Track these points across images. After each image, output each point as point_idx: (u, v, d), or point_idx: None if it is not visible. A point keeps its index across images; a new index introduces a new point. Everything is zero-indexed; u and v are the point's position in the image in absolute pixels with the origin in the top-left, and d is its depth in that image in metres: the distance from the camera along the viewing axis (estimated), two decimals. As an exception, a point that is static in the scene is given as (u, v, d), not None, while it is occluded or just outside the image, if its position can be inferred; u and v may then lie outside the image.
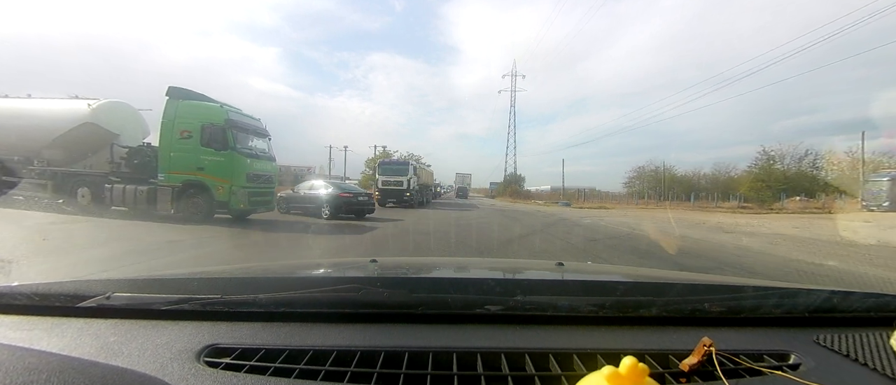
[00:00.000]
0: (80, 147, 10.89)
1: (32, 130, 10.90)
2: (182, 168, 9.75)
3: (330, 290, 0.88)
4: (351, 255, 6.54)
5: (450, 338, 0.77)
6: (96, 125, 10.79)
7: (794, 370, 0.69)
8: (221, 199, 9.72)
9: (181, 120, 9.76)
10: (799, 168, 38.18)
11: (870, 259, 7.09)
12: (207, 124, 9.71)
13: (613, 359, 0.59)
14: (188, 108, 9.86)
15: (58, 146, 10.82)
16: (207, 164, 9.70)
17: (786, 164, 39.48)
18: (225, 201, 9.74)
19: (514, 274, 1.56)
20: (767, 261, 6.99)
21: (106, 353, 0.69)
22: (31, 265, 4.53)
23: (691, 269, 5.79)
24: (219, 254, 6.42)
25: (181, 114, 9.80)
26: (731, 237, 10.56)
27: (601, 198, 48.78)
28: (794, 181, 36.37)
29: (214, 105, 10.14)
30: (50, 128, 10.79)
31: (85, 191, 10.74)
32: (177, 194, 9.79)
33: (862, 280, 5.38)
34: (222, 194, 9.70)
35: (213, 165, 9.72)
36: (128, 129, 11.53)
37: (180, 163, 9.76)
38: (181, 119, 9.77)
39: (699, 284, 1.21)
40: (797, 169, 38.26)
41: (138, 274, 1.16)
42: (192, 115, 9.82)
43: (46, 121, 10.90)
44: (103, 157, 10.90)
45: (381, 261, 1.43)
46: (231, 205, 9.80)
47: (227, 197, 9.71)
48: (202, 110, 9.94)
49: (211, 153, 9.72)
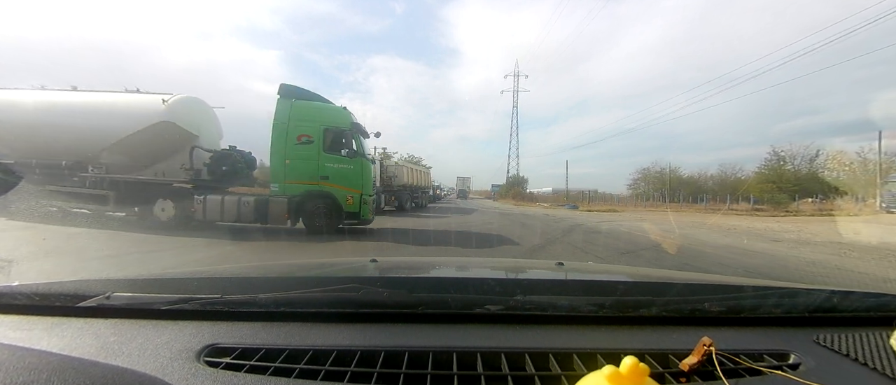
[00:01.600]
0: (150, 150, 9.15)
1: (93, 130, 9.01)
2: (301, 177, 8.61)
3: (330, 289, 0.88)
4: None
5: (450, 337, 0.77)
6: (174, 125, 8.99)
7: (793, 370, 0.69)
8: (351, 209, 8.80)
9: (297, 123, 8.64)
10: (810, 169, 37.39)
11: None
12: (331, 128, 8.77)
13: (613, 358, 0.59)
14: (306, 110, 8.79)
15: (122, 149, 9.02)
16: (333, 172, 8.72)
17: (796, 164, 38.84)
18: (355, 212, 8.86)
19: (514, 274, 1.56)
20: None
21: (106, 352, 0.69)
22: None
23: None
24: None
25: (297, 116, 8.67)
26: (785, 247, 9.17)
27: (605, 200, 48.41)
28: (805, 182, 35.56)
29: (337, 107, 9.22)
30: (116, 127, 8.94)
31: (166, 203, 8.92)
32: (295, 206, 8.59)
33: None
34: (352, 205, 8.78)
35: (340, 174, 8.77)
36: (205, 129, 9.88)
37: (299, 171, 8.61)
38: (297, 122, 8.64)
39: (699, 284, 1.21)
40: (808, 170, 37.47)
41: (138, 274, 1.16)
42: (312, 117, 8.76)
43: (112, 118, 8.98)
44: (177, 163, 9.24)
45: (380, 260, 1.43)
46: (362, 215, 8.97)
47: (358, 207, 8.83)
48: (323, 112, 8.97)
49: (336, 160, 8.77)
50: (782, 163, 39.11)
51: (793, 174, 37.65)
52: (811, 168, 37.10)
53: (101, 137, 8.98)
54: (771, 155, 39.90)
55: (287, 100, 8.76)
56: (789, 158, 39.00)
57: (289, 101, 8.75)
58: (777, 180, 37.05)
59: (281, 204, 8.51)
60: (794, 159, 38.90)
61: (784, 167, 38.74)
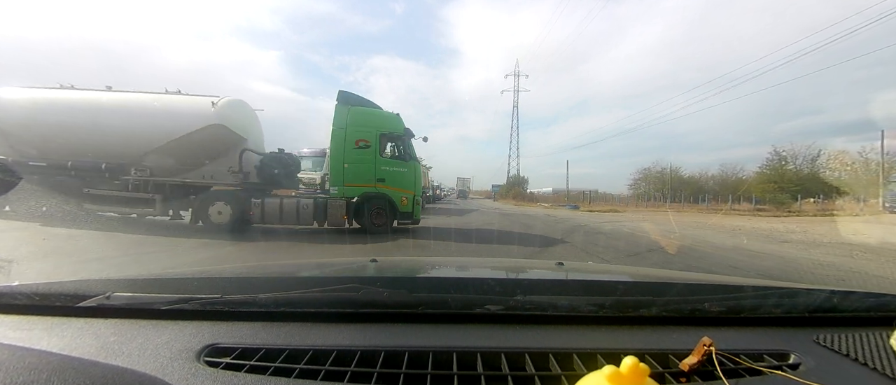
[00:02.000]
0: (198, 153, 9.02)
1: (140, 132, 8.75)
2: (359, 180, 9.05)
3: (330, 289, 0.88)
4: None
5: (450, 337, 0.77)
6: (225, 127, 8.93)
7: (793, 370, 0.69)
8: (405, 210, 9.40)
9: (355, 128, 9.08)
10: (812, 169, 37.21)
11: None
12: (386, 133, 9.28)
13: (613, 358, 0.59)
14: (362, 116, 9.26)
15: (169, 152, 8.83)
16: (388, 175, 9.23)
17: (798, 164, 38.66)
18: (408, 212, 9.45)
19: (514, 273, 1.56)
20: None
21: (106, 352, 0.69)
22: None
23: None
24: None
25: (354, 122, 9.11)
26: (794, 248, 8.99)
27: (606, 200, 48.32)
28: (807, 183, 35.34)
29: (391, 113, 9.70)
30: (164, 129, 8.76)
31: (222, 206, 8.73)
32: (354, 208, 9.02)
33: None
34: (406, 205, 9.40)
35: (396, 176, 9.31)
36: (251, 132, 9.78)
37: (357, 174, 9.04)
38: (355, 127, 9.08)
39: (699, 284, 1.21)
40: (810, 170, 37.29)
41: (138, 273, 1.16)
42: (368, 123, 9.25)
43: (160, 120, 8.80)
44: (223, 166, 9.12)
45: (380, 260, 1.43)
46: (414, 215, 9.58)
47: (411, 207, 9.48)
48: (379, 118, 9.48)
49: (391, 163, 9.32)
50: (784, 163, 38.99)
51: (794, 174, 37.48)
52: (813, 168, 36.98)
53: (148, 139, 8.79)
54: (772, 155, 39.81)
55: (345, 106, 9.14)
56: (791, 158, 38.91)
57: (346, 108, 9.13)
58: (779, 180, 36.90)
59: (340, 206, 8.87)
60: (795, 159, 38.80)
61: (786, 167, 38.60)
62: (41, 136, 8.94)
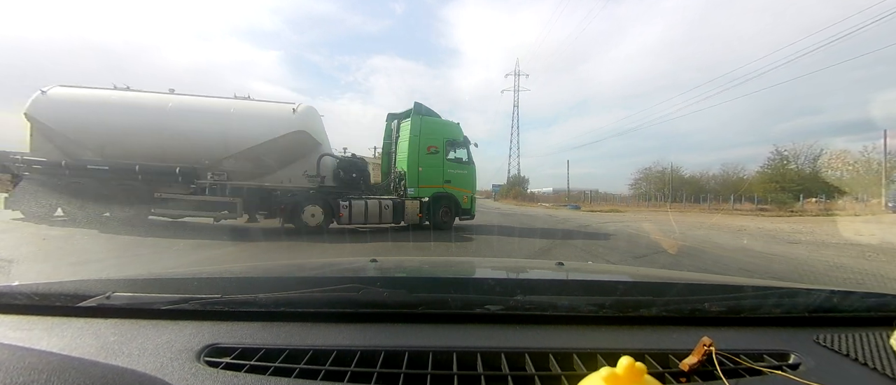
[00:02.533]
0: (277, 158, 9.21)
1: (220, 136, 8.81)
2: (431, 181, 10.43)
3: (330, 289, 0.88)
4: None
5: (450, 337, 0.77)
6: (307, 133, 9.25)
7: (793, 370, 0.69)
8: (465, 207, 10.96)
9: (426, 136, 10.41)
10: (813, 169, 36.91)
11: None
12: (451, 140, 10.77)
13: (613, 358, 0.59)
14: (432, 125, 10.62)
15: (250, 156, 8.96)
16: (453, 177, 10.71)
17: (800, 164, 38.44)
18: (468, 209, 11.04)
19: (514, 274, 1.56)
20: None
21: (106, 352, 0.69)
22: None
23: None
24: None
25: (426, 131, 10.43)
26: (805, 250, 8.87)
27: (607, 200, 48.30)
28: (808, 182, 35.13)
29: (454, 123, 11.24)
30: (248, 134, 8.85)
31: (316, 209, 9.17)
32: (426, 206, 10.30)
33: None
34: (466, 203, 10.98)
35: (459, 178, 10.84)
36: (323, 137, 10.10)
37: (429, 176, 10.40)
38: (426, 135, 10.42)
39: (699, 284, 1.21)
40: (811, 169, 37.04)
41: (138, 273, 1.16)
42: (436, 131, 10.63)
43: (243, 126, 8.93)
44: (298, 170, 9.38)
45: (380, 260, 1.43)
46: (472, 211, 11.19)
47: (470, 205, 11.12)
48: (445, 127, 10.93)
49: (456, 166, 10.81)
50: (786, 162, 38.85)
51: (796, 174, 37.33)
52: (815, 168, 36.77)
53: (228, 144, 8.86)
54: (774, 154, 39.68)
55: (418, 117, 10.46)
56: (793, 158, 38.76)
57: (419, 118, 10.48)
58: (780, 180, 36.82)
59: (415, 205, 10.13)
60: (797, 159, 38.66)
61: (787, 167, 38.46)
62: (101, 138, 8.81)
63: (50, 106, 8.79)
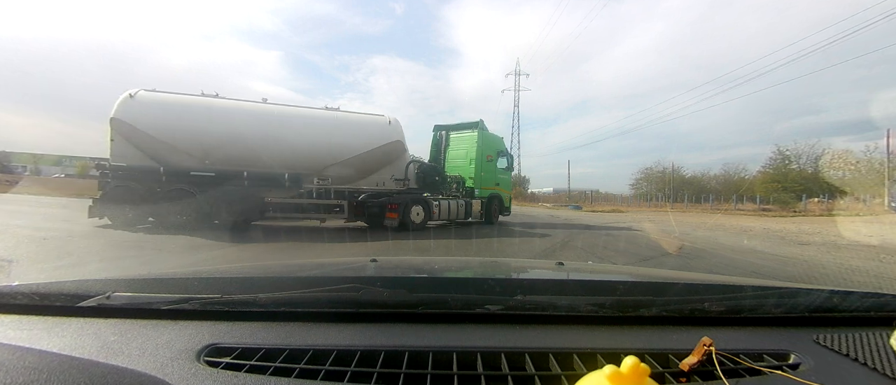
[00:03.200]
0: (374, 164, 10.26)
1: (327, 145, 9.68)
2: (488, 184, 12.81)
3: (330, 289, 0.88)
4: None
5: (450, 337, 0.77)
6: (401, 143, 10.62)
7: (793, 370, 0.69)
8: (506, 206, 13.74)
9: (484, 147, 12.66)
10: (815, 168, 36.57)
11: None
12: (501, 151, 13.46)
13: (613, 358, 0.59)
14: (487, 138, 12.93)
15: (352, 163, 9.89)
16: (501, 181, 13.39)
17: (801, 164, 38.33)
18: (508, 207, 13.88)
19: (514, 273, 1.56)
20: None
21: (106, 352, 0.68)
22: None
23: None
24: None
25: (486, 142, 12.76)
26: (816, 251, 8.65)
27: (608, 200, 48.20)
28: (810, 182, 34.97)
29: (500, 136, 14.22)
30: (353, 144, 9.83)
31: (419, 209, 10.37)
32: (484, 205, 12.54)
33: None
34: (507, 202, 13.80)
35: (504, 181, 13.64)
36: (406, 144, 11.15)
37: (487, 180, 12.77)
38: (484, 147, 12.66)
39: (699, 284, 1.21)
40: (813, 169, 36.78)
41: (138, 273, 1.16)
42: (490, 143, 13.07)
43: (348, 135, 9.88)
44: (387, 174, 10.51)
45: (381, 260, 1.43)
46: (510, 209, 14.08)
47: (509, 204, 13.97)
48: (495, 140, 13.60)
49: (503, 172, 13.48)
50: (788, 162, 38.72)
51: (798, 174, 37.20)
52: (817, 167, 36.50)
53: (334, 152, 9.75)
54: (776, 154, 39.57)
55: (482, 132, 12.79)
56: (795, 158, 38.65)
57: (483, 133, 12.80)
58: (782, 180, 36.69)
59: (479, 203, 12.39)
60: (799, 159, 38.54)
61: (789, 167, 38.34)
62: (203, 144, 8.84)
63: (140, 110, 8.66)
